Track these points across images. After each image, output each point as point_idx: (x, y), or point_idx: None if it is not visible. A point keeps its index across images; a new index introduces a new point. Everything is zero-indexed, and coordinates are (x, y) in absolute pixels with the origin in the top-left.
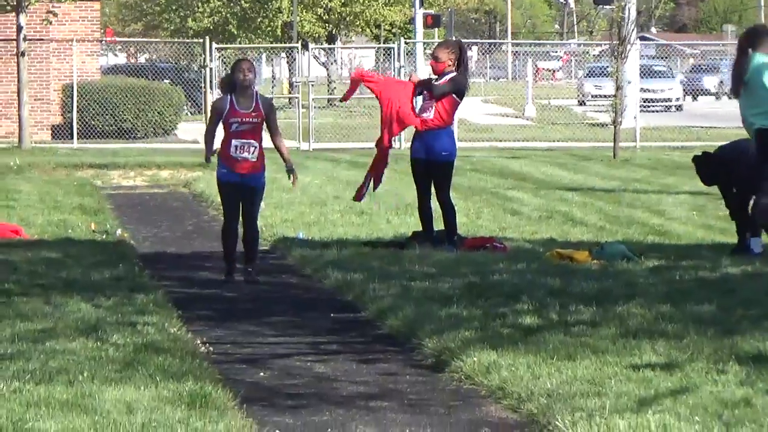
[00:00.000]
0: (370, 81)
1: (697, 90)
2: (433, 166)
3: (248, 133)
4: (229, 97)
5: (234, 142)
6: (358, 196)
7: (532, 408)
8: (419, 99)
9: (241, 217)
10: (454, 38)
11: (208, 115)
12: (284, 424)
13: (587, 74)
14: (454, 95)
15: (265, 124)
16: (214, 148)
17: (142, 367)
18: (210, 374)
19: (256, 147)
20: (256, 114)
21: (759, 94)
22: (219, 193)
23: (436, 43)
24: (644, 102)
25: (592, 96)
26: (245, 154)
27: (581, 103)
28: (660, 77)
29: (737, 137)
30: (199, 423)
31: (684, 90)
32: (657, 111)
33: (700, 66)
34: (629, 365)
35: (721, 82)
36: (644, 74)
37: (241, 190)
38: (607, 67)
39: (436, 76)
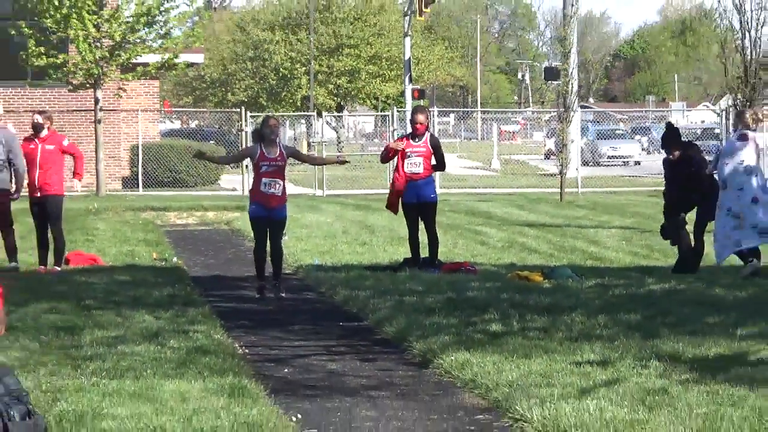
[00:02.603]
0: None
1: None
2: (424, 208)
3: (275, 173)
4: (258, 145)
5: (264, 179)
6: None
7: (498, 396)
8: (411, 155)
9: (269, 241)
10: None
11: (244, 164)
12: (304, 409)
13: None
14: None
15: (298, 159)
16: (223, 161)
17: (193, 366)
18: (246, 371)
19: (280, 184)
20: (280, 158)
21: None
22: (251, 225)
23: (412, 110)
24: (609, 158)
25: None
26: (272, 190)
27: (547, 157)
28: (621, 138)
29: (659, 186)
30: (237, 409)
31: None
32: (617, 165)
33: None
34: (573, 362)
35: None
36: (609, 136)
37: (268, 221)
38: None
39: (417, 136)
